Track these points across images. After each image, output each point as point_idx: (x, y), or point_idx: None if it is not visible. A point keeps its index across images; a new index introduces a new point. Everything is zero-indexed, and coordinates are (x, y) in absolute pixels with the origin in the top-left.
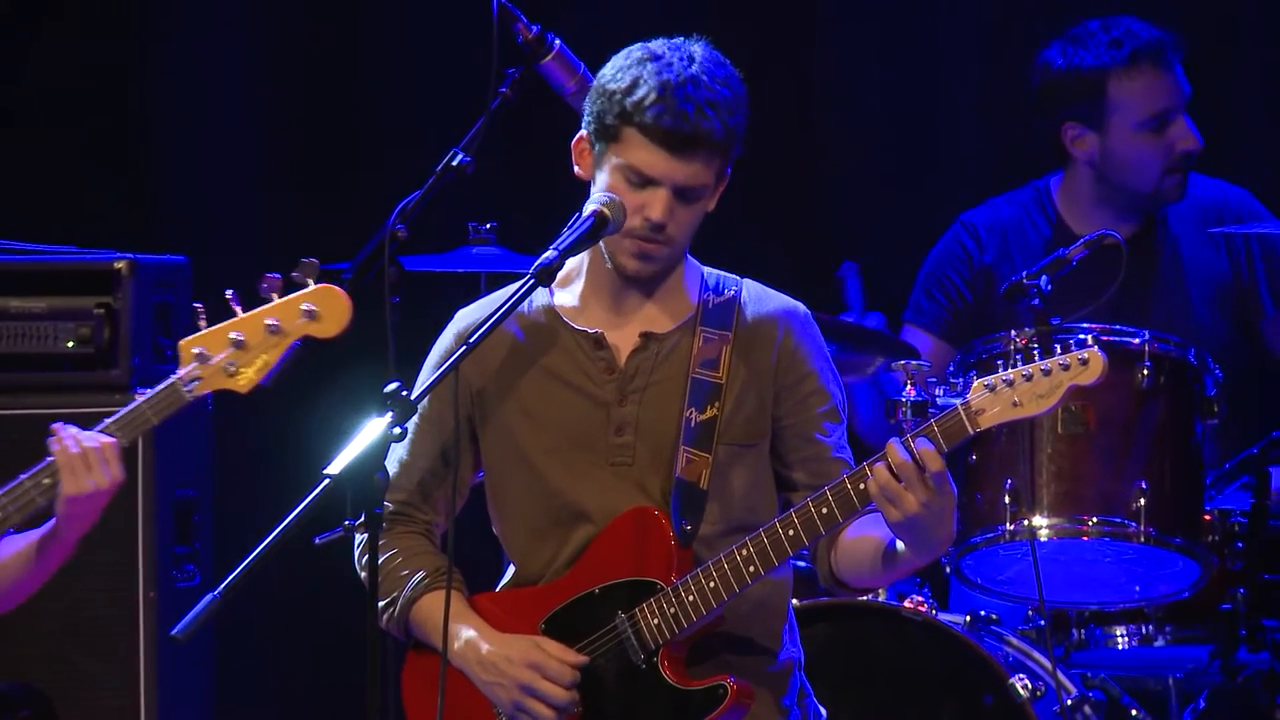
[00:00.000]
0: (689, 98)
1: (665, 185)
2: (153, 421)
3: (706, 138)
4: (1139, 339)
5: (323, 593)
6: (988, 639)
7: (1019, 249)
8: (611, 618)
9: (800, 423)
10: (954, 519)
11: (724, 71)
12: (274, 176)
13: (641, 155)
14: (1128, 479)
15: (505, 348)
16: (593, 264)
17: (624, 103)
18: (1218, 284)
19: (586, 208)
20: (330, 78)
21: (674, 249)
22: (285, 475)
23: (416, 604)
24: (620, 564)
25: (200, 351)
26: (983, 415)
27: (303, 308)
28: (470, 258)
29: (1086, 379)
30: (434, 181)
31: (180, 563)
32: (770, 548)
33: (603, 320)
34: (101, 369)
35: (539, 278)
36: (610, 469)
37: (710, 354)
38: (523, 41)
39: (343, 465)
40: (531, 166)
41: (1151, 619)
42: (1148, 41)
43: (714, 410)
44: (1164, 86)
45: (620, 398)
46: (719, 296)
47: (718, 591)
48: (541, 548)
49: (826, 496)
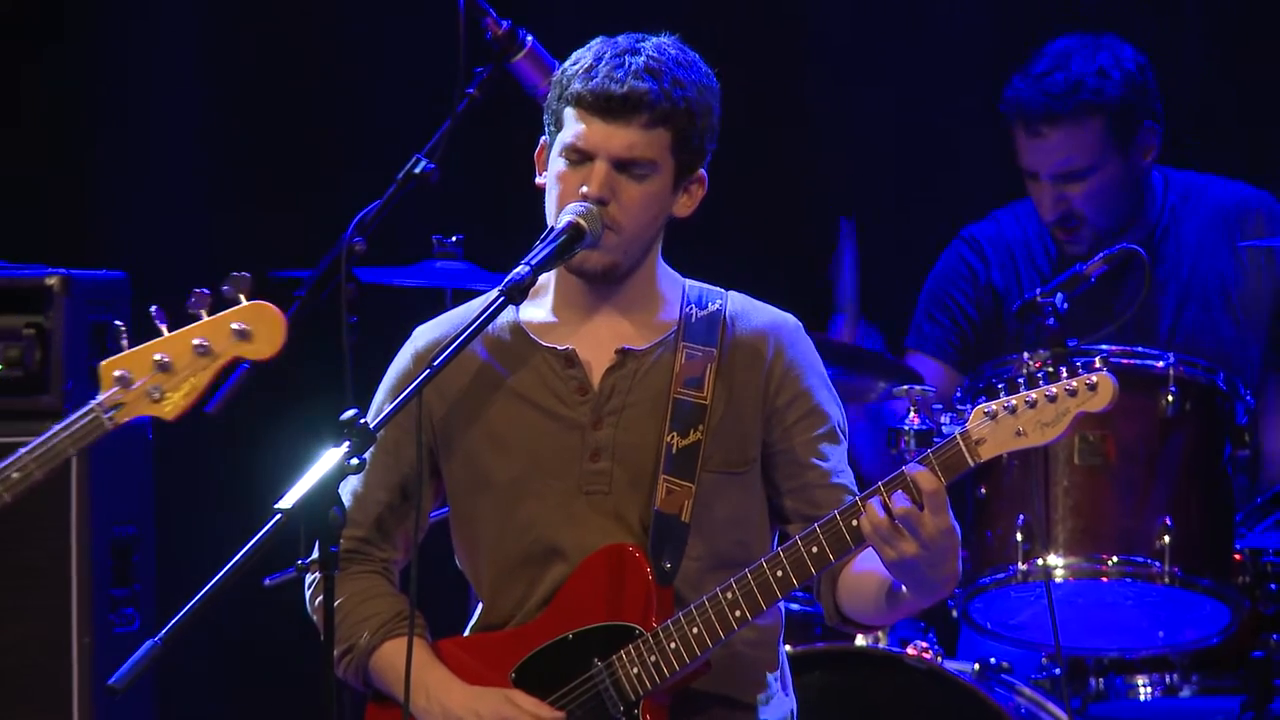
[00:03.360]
0: (623, 64)
1: (600, 156)
2: (69, 453)
3: (640, 99)
4: (1163, 362)
5: (274, 639)
6: (998, 689)
7: (1026, 264)
8: (588, 666)
9: (794, 448)
10: (958, 558)
11: (684, 56)
12: (221, 184)
13: (576, 128)
14: (1151, 515)
15: (468, 368)
16: (562, 275)
17: (564, 78)
18: (1240, 295)
19: (561, 218)
20: (281, 77)
21: (623, 236)
22: (233, 510)
23: (377, 651)
24: (596, 607)
25: (122, 374)
26: (984, 445)
27: (233, 326)
28: (434, 272)
29: (1096, 405)
30: (395, 190)
31: (118, 606)
32: (758, 590)
33: (574, 336)
34: (32, 394)
35: (509, 295)
36: (585, 498)
37: (693, 372)
38: (492, 38)
39: (296, 499)
40: (501, 174)
41: (1177, 667)
42: (1031, 102)
43: (697, 434)
44: (1030, 148)
45: (595, 420)
46: (702, 310)
47: (702, 638)
48: (511, 586)
49: (816, 534)
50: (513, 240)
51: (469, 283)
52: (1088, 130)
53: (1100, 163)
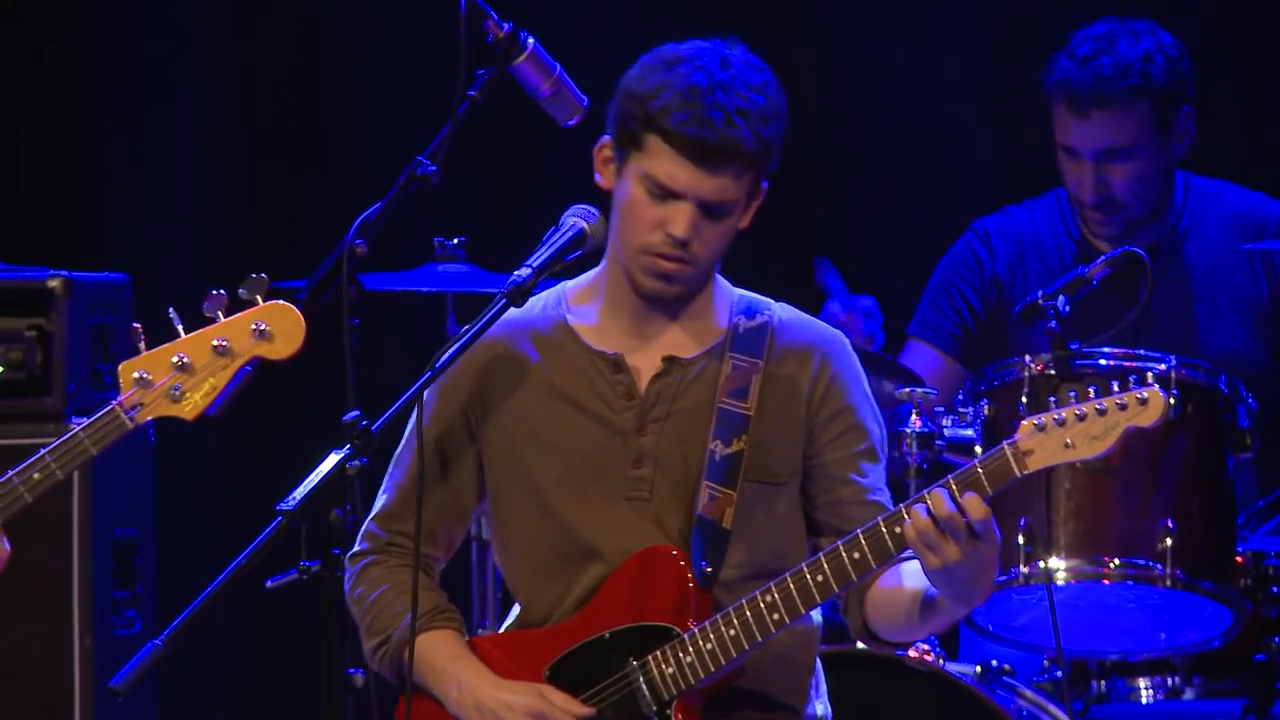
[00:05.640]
0: (717, 104)
1: (689, 199)
2: (91, 452)
3: (735, 148)
4: (1165, 365)
5: (276, 641)
6: (1000, 691)
7: (1035, 261)
8: (623, 665)
9: (834, 462)
10: (995, 567)
11: (759, 77)
12: (221, 187)
13: (664, 166)
14: (1153, 517)
15: (515, 365)
16: (613, 280)
17: (647, 107)
18: (1252, 303)
19: (566, 219)
20: (283, 80)
21: (698, 269)
22: (234, 512)
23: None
24: (633, 607)
25: (141, 375)
26: (1031, 456)
27: (253, 326)
28: (436, 276)
29: (1146, 420)
30: (396, 193)
31: (119, 608)
32: (797, 594)
33: (623, 341)
34: (34, 396)
35: (511, 297)
36: (626, 503)
37: (739, 382)
38: (493, 40)
39: (298, 501)
40: (502, 177)
41: (1179, 670)
42: (1080, 84)
43: (741, 444)
44: (1075, 127)
45: (639, 426)
46: (750, 321)
47: (738, 640)
48: (549, 586)
49: (859, 540)
50: (515, 242)
51: (471, 285)
52: (1134, 113)
53: (1143, 145)
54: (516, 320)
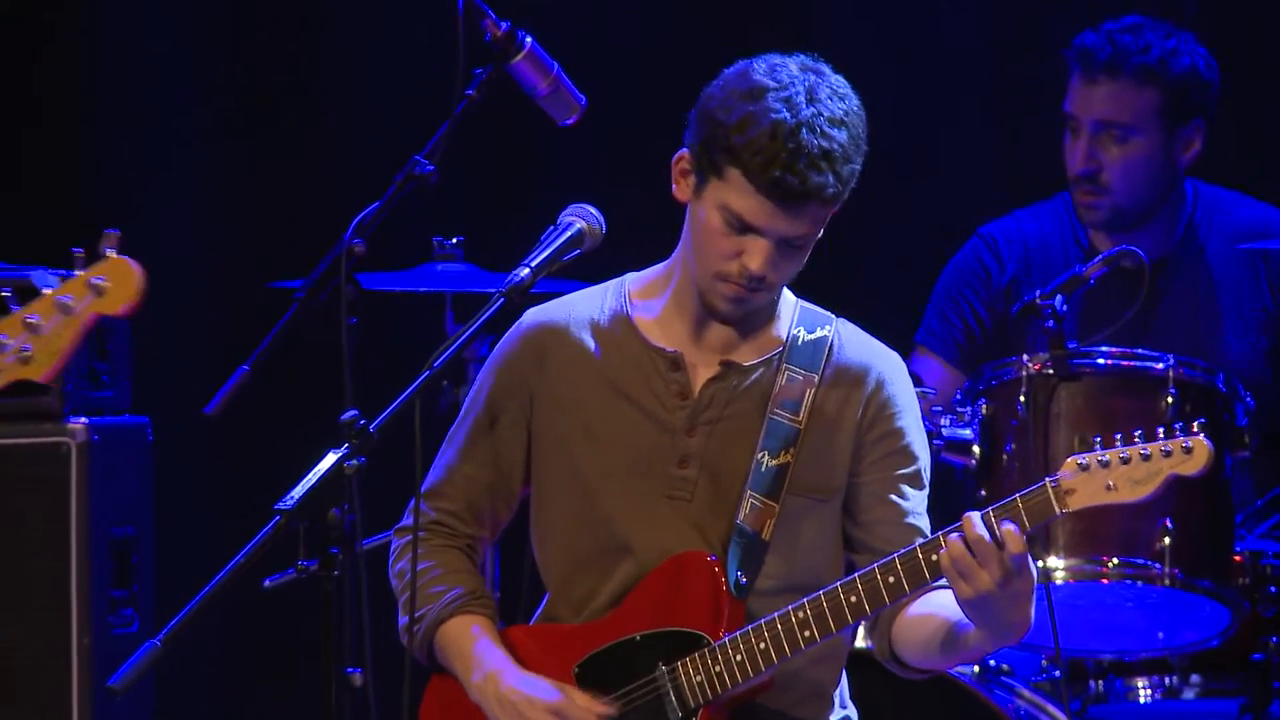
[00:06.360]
0: (802, 148)
1: (768, 237)
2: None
3: (817, 192)
4: (1163, 364)
5: (274, 641)
6: (998, 691)
7: (1041, 266)
8: (651, 669)
9: (878, 481)
10: (1032, 605)
11: (843, 107)
12: (221, 187)
13: (745, 202)
14: (1151, 517)
15: (574, 355)
16: (681, 282)
17: (732, 140)
18: (1253, 310)
19: (564, 219)
20: (282, 79)
21: (772, 294)
22: (232, 511)
23: (444, 625)
24: (666, 611)
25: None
26: (1073, 496)
27: (90, 281)
28: (434, 275)
29: (1189, 469)
30: (394, 192)
31: (117, 607)
32: (829, 613)
33: (683, 341)
34: (32, 395)
35: (509, 296)
36: (667, 501)
37: (792, 395)
38: (491, 39)
39: (296, 501)
40: (501, 176)
41: (1177, 669)
42: (1097, 50)
43: (788, 456)
44: (1081, 92)
45: (689, 427)
46: (810, 333)
47: (768, 654)
48: (583, 577)
49: (895, 565)
50: (514, 241)
51: (469, 285)
52: (1141, 94)
53: (1142, 130)
54: (579, 309)
